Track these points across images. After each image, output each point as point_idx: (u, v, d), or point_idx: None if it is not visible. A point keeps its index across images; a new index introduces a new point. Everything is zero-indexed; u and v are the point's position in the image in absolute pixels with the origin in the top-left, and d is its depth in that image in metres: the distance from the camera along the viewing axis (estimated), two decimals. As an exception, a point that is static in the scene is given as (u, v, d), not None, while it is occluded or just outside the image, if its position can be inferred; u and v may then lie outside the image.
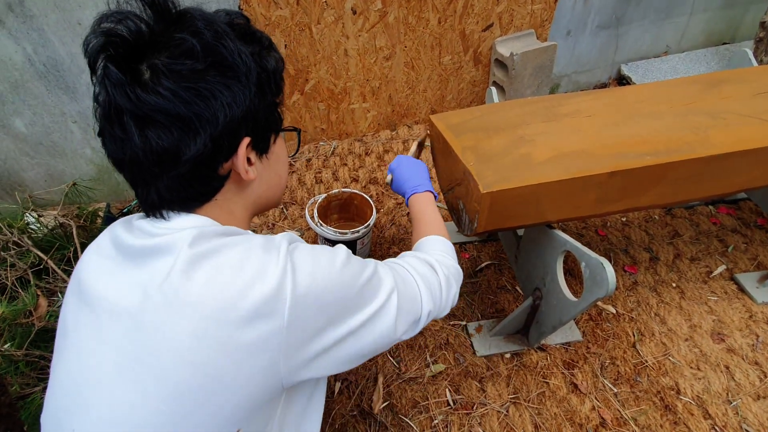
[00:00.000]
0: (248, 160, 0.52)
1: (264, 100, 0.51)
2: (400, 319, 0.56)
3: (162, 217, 0.49)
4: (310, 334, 0.46)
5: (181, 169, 0.46)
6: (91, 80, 0.45)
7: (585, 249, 0.87)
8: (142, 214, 0.51)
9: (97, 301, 0.47)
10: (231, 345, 0.42)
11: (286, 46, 1.61)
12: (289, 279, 0.45)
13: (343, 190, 1.39)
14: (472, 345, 1.19)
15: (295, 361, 0.46)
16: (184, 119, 0.44)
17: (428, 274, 0.65)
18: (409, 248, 0.79)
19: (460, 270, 0.74)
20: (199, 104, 0.44)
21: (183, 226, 0.48)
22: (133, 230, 0.50)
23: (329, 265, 0.49)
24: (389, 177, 0.98)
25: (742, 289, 1.30)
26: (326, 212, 1.41)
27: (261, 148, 0.54)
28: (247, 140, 0.49)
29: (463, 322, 1.25)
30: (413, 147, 1.11)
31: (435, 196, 0.89)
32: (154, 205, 0.49)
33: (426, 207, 0.85)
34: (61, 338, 0.51)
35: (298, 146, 0.69)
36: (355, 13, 1.61)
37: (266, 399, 0.46)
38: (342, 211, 1.46)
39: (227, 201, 0.52)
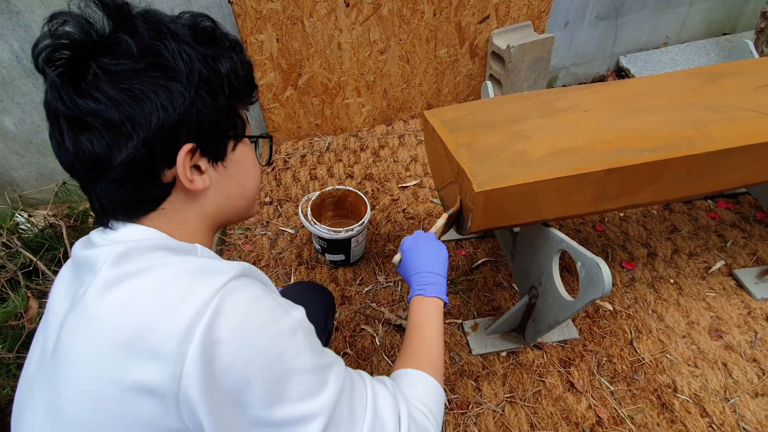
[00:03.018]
0: (198, 167, 0.48)
1: (214, 104, 0.47)
2: None
3: (109, 227, 0.47)
4: (215, 401, 0.38)
5: (114, 175, 0.44)
6: (44, 83, 0.44)
7: (581, 249, 0.85)
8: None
9: (49, 312, 0.48)
10: (123, 382, 0.38)
11: (278, 40, 1.58)
12: (206, 319, 0.38)
13: (337, 187, 1.37)
14: (467, 343, 1.18)
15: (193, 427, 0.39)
16: (116, 123, 0.42)
17: (388, 416, 0.50)
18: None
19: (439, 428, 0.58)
20: (133, 107, 0.42)
21: (125, 238, 0.46)
22: (87, 242, 0.49)
23: (266, 323, 0.41)
24: (398, 257, 0.79)
25: (740, 285, 1.29)
26: (320, 210, 1.39)
27: (214, 155, 0.49)
28: (188, 146, 0.45)
29: (459, 321, 1.24)
30: (440, 221, 0.89)
31: (445, 304, 0.72)
32: (99, 213, 0.47)
33: (427, 319, 0.69)
34: None
35: (270, 154, 0.62)
36: (348, 5, 1.57)
37: None
38: (336, 208, 1.44)
39: (176, 211, 0.49)
